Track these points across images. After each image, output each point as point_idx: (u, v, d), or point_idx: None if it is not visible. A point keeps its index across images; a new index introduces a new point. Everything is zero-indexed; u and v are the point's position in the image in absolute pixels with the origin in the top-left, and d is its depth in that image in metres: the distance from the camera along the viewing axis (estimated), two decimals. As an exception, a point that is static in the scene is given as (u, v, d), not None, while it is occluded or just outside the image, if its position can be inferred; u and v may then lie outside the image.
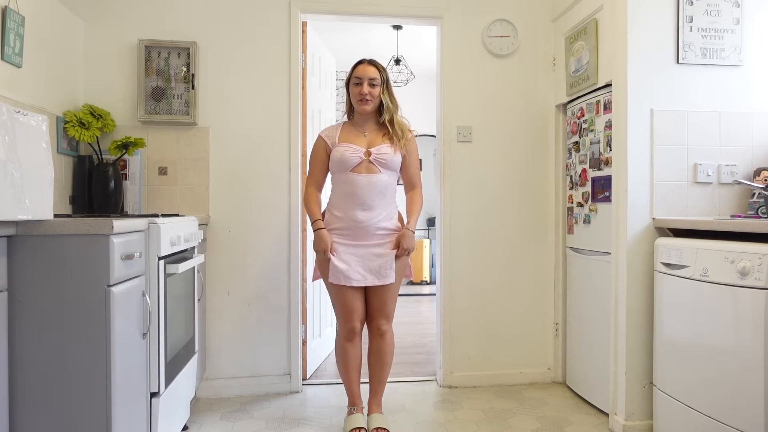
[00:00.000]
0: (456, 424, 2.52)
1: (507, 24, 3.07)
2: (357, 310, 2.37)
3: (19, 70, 2.19)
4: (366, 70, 2.36)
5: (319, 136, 2.44)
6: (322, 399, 2.84)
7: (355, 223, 2.30)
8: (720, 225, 1.98)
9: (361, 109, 2.37)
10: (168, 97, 2.82)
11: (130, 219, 1.70)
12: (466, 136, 3.05)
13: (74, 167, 2.65)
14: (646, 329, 2.34)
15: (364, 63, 2.39)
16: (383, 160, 2.33)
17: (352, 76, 2.38)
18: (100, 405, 1.51)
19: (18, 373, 1.46)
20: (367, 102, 2.35)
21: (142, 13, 2.84)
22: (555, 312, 3.11)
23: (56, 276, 1.48)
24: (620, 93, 2.39)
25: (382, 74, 2.38)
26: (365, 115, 2.41)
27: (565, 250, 3.04)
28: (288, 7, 2.94)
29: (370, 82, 2.34)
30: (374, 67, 2.38)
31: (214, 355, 2.89)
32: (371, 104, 2.36)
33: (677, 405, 2.10)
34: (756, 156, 2.41)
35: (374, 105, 2.38)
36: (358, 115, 2.42)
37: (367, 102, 2.35)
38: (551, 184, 3.11)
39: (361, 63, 2.39)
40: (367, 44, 5.47)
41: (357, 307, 2.37)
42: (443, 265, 3.06)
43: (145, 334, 1.80)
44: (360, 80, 2.35)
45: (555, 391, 2.96)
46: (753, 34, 2.41)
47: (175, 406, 2.12)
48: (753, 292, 1.76)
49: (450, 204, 3.05)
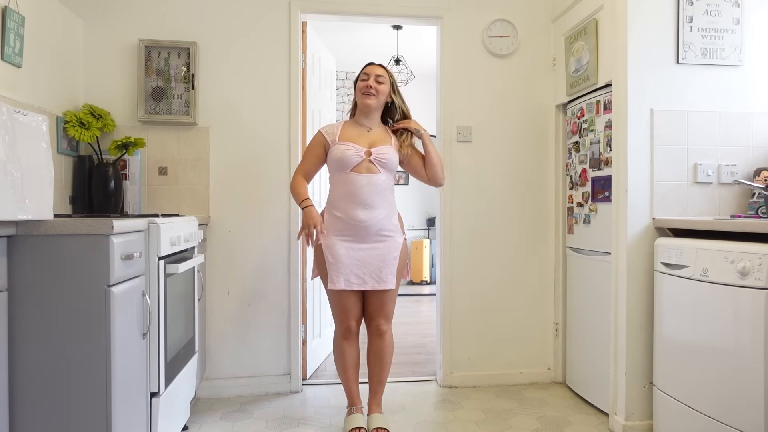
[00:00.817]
0: (456, 424, 2.52)
1: (507, 24, 3.07)
2: (353, 310, 2.38)
3: (19, 70, 2.20)
4: (374, 68, 2.44)
5: (318, 132, 2.44)
6: (322, 399, 2.84)
7: (356, 223, 2.30)
8: (720, 225, 1.98)
9: (364, 102, 2.38)
10: (168, 97, 2.82)
11: (130, 219, 1.70)
12: (466, 136, 3.05)
13: (74, 167, 2.65)
14: (646, 329, 2.34)
15: (373, 64, 2.48)
16: (384, 160, 2.34)
17: (360, 72, 2.45)
18: (100, 405, 1.51)
19: (18, 373, 1.46)
20: (371, 96, 2.37)
21: (142, 13, 2.84)
22: (555, 312, 3.11)
23: (56, 276, 1.48)
24: (620, 93, 2.40)
25: (389, 76, 2.45)
26: (369, 114, 2.41)
27: (565, 250, 3.04)
28: (288, 7, 2.94)
29: (377, 79, 2.40)
30: (382, 67, 2.46)
31: (214, 355, 2.89)
32: (375, 99, 2.38)
33: (677, 405, 2.10)
34: (756, 156, 2.41)
35: (378, 102, 2.40)
36: (361, 113, 2.43)
37: (371, 96, 2.37)
38: (551, 184, 3.12)
39: (371, 64, 2.48)
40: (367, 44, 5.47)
41: (354, 307, 2.38)
42: (443, 265, 3.06)
43: (145, 334, 1.80)
44: (367, 76, 2.41)
45: (555, 391, 2.96)
46: (753, 34, 2.41)
47: (175, 406, 2.12)
48: (753, 292, 1.76)
49: (450, 204, 3.05)
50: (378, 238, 2.33)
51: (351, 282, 2.30)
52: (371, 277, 2.31)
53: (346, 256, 2.30)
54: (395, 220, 2.39)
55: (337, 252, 2.31)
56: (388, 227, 2.35)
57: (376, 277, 2.31)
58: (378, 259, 2.32)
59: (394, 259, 2.34)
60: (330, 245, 2.33)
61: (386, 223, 2.34)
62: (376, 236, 2.33)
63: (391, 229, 2.36)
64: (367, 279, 2.31)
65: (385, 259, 2.32)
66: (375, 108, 2.41)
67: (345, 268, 2.30)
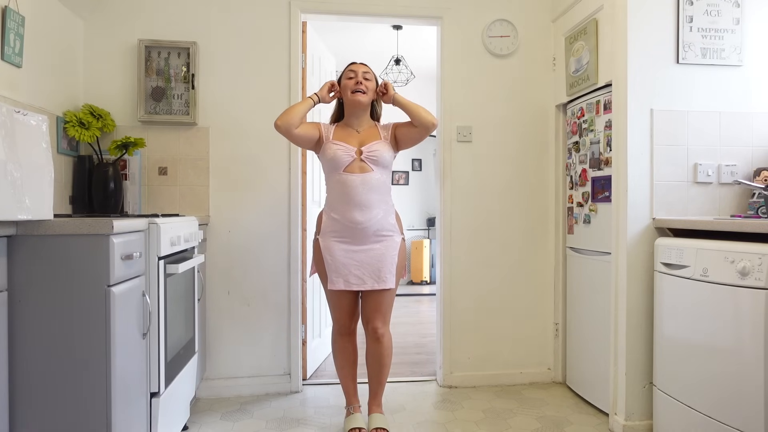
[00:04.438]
0: (456, 424, 2.52)
1: (507, 24, 3.07)
2: (350, 308, 2.41)
3: (19, 70, 2.20)
4: (358, 66, 2.43)
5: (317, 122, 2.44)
6: (322, 399, 2.84)
7: (353, 225, 2.29)
8: (720, 225, 1.98)
9: (355, 100, 2.35)
10: (168, 97, 2.82)
11: (130, 219, 1.70)
12: (466, 136, 3.05)
13: (74, 167, 2.65)
14: (646, 329, 2.34)
15: (355, 63, 2.46)
16: (375, 157, 2.31)
17: (344, 73, 2.43)
18: (100, 405, 1.51)
19: (18, 373, 1.46)
20: (361, 93, 2.35)
21: (142, 13, 2.84)
22: (555, 312, 3.11)
23: (56, 276, 1.48)
24: (620, 93, 2.40)
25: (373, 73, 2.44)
26: (359, 111, 2.39)
27: (565, 250, 3.04)
28: (288, 7, 2.94)
29: (365, 76, 2.39)
30: (366, 66, 2.45)
31: (214, 355, 2.89)
32: (365, 96, 2.36)
33: (677, 405, 2.10)
34: (756, 156, 2.41)
35: (368, 99, 2.38)
36: (350, 115, 2.41)
37: (361, 93, 2.35)
38: (551, 184, 3.12)
39: (353, 63, 2.45)
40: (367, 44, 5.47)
41: (351, 306, 2.41)
42: (443, 265, 3.06)
43: (145, 334, 1.80)
44: (354, 73, 2.39)
45: (555, 391, 2.96)
46: (753, 34, 2.41)
47: (175, 406, 2.12)
48: (753, 292, 1.76)
49: (450, 204, 3.05)
50: (376, 239, 2.33)
51: (350, 282, 2.31)
52: (370, 277, 2.31)
53: (345, 257, 2.30)
54: (392, 219, 2.38)
55: (336, 253, 2.31)
56: (386, 228, 2.34)
57: (375, 277, 2.31)
58: (377, 259, 2.31)
59: (392, 259, 2.34)
60: (328, 246, 2.33)
61: (384, 223, 2.33)
62: (374, 237, 2.32)
63: (389, 230, 2.35)
64: (366, 279, 2.31)
65: (384, 259, 2.32)
66: (365, 105, 2.39)
67: (344, 268, 2.30)
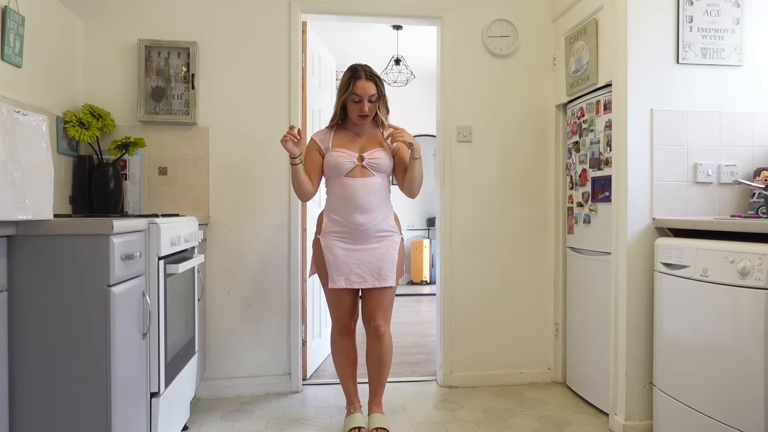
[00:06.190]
0: (456, 424, 2.52)
1: (507, 24, 3.07)
2: (351, 308, 2.42)
3: (19, 70, 2.20)
4: (366, 87, 2.30)
5: (311, 139, 2.44)
6: (322, 399, 2.84)
7: (354, 226, 2.31)
8: (720, 225, 1.98)
9: (360, 122, 2.38)
10: (168, 97, 2.82)
11: (130, 219, 1.70)
12: (466, 136, 3.05)
13: (74, 167, 2.65)
14: (646, 329, 2.34)
15: (362, 79, 2.30)
16: (376, 164, 2.34)
17: (351, 93, 2.31)
18: (100, 405, 1.51)
19: (18, 373, 1.46)
20: (367, 118, 2.37)
21: (142, 13, 2.84)
22: (555, 312, 3.11)
23: (56, 276, 1.48)
24: (620, 93, 2.39)
25: (379, 87, 2.35)
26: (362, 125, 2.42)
27: (565, 250, 3.04)
28: (288, 7, 2.94)
29: (370, 99, 2.33)
30: (372, 82, 2.32)
31: (214, 355, 2.89)
32: (369, 119, 2.39)
33: (677, 405, 2.10)
34: (756, 156, 2.41)
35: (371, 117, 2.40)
36: (353, 123, 2.41)
37: (367, 118, 2.37)
38: (551, 184, 3.11)
39: (359, 79, 2.30)
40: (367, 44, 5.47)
41: (351, 305, 2.41)
42: (443, 265, 3.06)
43: (145, 334, 1.80)
44: (360, 98, 2.31)
45: (555, 391, 2.96)
46: (753, 34, 2.41)
47: (175, 406, 2.12)
48: (753, 292, 1.76)
49: (450, 204, 3.05)
50: (376, 238, 2.35)
51: (351, 281, 2.32)
52: (371, 275, 2.33)
53: (346, 256, 2.32)
54: (392, 220, 2.41)
55: (337, 252, 2.32)
56: (385, 228, 2.36)
57: (376, 275, 2.33)
58: (377, 258, 2.33)
59: (393, 257, 2.35)
60: (329, 245, 2.34)
61: (383, 224, 2.36)
62: (375, 237, 2.34)
63: (389, 229, 2.38)
64: (367, 277, 2.32)
65: (385, 258, 2.34)
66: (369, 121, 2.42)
67: (345, 267, 2.31)
